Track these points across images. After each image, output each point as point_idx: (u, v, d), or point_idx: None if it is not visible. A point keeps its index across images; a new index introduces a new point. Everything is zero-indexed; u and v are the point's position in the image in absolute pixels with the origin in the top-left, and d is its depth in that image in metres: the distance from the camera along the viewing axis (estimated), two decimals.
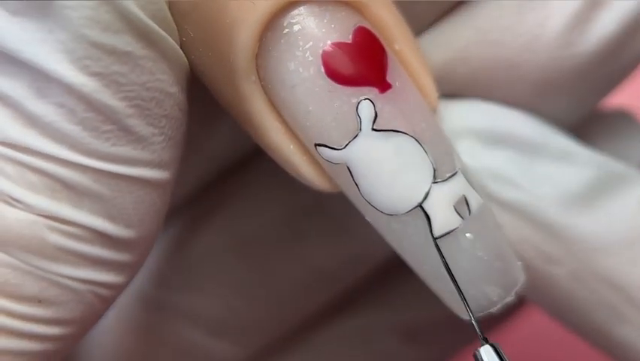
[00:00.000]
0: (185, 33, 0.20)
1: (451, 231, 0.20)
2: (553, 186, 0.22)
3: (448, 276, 0.21)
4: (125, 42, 0.19)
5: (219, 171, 0.26)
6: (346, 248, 0.26)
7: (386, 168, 0.20)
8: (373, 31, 0.21)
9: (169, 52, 0.20)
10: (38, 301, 0.19)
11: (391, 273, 0.28)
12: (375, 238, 0.22)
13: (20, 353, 0.19)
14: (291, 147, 0.21)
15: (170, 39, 0.20)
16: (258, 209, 0.26)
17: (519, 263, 0.21)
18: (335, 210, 0.25)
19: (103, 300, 0.20)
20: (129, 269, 0.21)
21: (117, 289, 0.21)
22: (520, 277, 0.21)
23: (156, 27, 0.19)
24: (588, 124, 0.25)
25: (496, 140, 0.23)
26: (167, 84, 0.20)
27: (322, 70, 0.20)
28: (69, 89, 0.19)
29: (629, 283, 0.22)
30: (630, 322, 0.23)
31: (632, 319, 0.23)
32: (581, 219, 0.22)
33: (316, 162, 0.21)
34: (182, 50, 0.21)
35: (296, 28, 0.20)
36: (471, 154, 0.23)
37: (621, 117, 0.27)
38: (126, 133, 0.19)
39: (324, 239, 0.25)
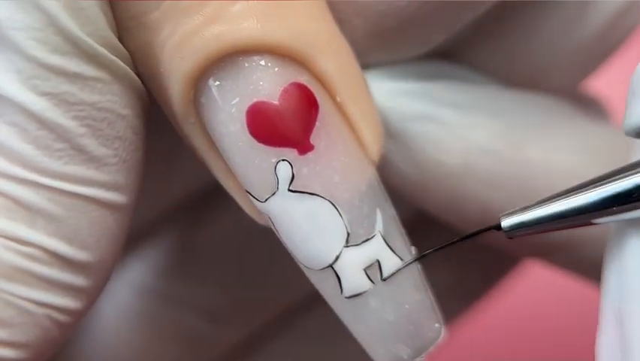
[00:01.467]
0: (136, 67, 0.21)
1: (360, 293, 0.21)
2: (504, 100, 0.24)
3: (356, 332, 0.21)
4: (74, 63, 0.19)
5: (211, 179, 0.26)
6: None
7: (299, 229, 0.21)
8: (310, 86, 0.21)
9: (120, 75, 0.20)
10: None
11: None
12: None
13: None
14: (230, 183, 0.22)
15: (120, 63, 0.20)
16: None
17: (437, 325, 0.22)
18: None
19: (60, 326, 0.21)
20: (86, 295, 0.21)
21: (74, 315, 0.21)
22: (436, 339, 0.21)
23: (104, 51, 0.20)
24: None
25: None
26: (119, 106, 0.20)
27: (245, 127, 0.20)
28: (20, 108, 0.19)
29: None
30: None
31: None
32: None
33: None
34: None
35: (225, 83, 0.20)
36: (420, 84, 0.23)
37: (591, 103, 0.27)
38: (79, 152, 0.20)
39: None
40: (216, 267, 0.27)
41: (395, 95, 0.23)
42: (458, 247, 0.22)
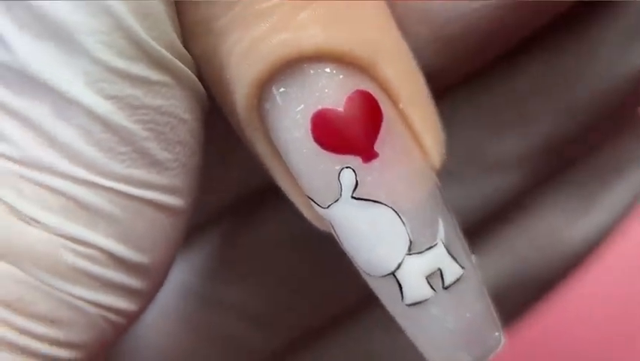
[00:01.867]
0: (201, 72, 0.22)
1: (422, 301, 0.21)
2: None
3: (416, 339, 0.21)
4: (139, 67, 0.20)
5: (260, 180, 0.26)
6: None
7: (361, 236, 0.21)
8: (374, 93, 0.21)
9: (184, 80, 0.21)
10: (50, 321, 0.20)
11: None
12: None
13: None
14: (293, 190, 0.22)
15: (184, 68, 0.21)
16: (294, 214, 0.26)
17: (497, 334, 0.22)
18: None
19: (114, 327, 0.21)
20: (141, 297, 0.21)
21: (129, 317, 0.21)
22: (496, 347, 0.22)
23: (169, 55, 0.20)
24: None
25: None
26: (181, 110, 0.21)
27: (310, 134, 0.20)
28: (86, 111, 0.20)
29: None
30: None
31: None
32: None
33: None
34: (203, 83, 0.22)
35: (290, 89, 0.20)
36: None
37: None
38: (141, 156, 0.20)
39: None
40: (261, 271, 0.27)
41: None
42: None
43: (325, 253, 0.26)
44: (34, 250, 0.20)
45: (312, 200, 0.21)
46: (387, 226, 0.21)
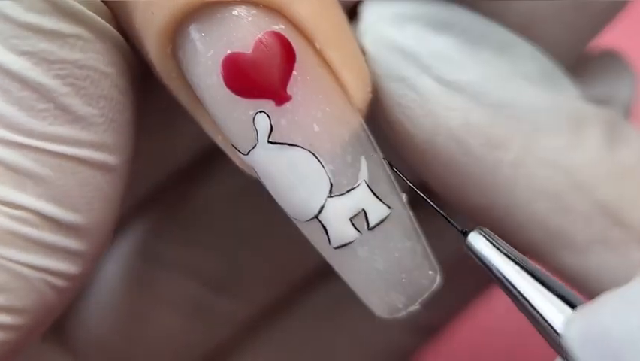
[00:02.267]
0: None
1: (348, 243, 0.21)
2: (499, 68, 0.22)
3: (350, 281, 0.21)
4: (50, 21, 0.19)
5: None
6: None
7: (282, 181, 0.20)
8: (286, 34, 0.20)
9: (100, 32, 0.20)
10: None
11: None
12: None
13: None
14: (219, 137, 0.22)
15: (99, 19, 0.20)
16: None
17: (431, 272, 0.21)
18: None
19: (57, 290, 0.21)
20: (82, 258, 0.21)
21: (72, 279, 0.21)
22: (430, 286, 0.21)
23: (82, 8, 0.20)
24: (578, 64, 0.24)
25: (441, 25, 0.22)
26: (102, 64, 0.20)
27: (222, 79, 0.20)
28: (1, 69, 0.19)
29: (571, 166, 0.21)
30: (574, 210, 0.22)
31: (576, 206, 0.22)
32: (528, 97, 0.22)
33: None
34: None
35: (199, 35, 0.20)
36: (417, 37, 0.22)
37: (609, 57, 0.25)
38: (63, 112, 0.20)
39: None
40: (218, 233, 0.27)
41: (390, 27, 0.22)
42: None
43: (281, 212, 0.25)
44: None
45: (235, 147, 0.21)
46: (305, 169, 0.20)
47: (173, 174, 0.27)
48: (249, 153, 0.20)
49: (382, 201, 0.21)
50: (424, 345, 0.29)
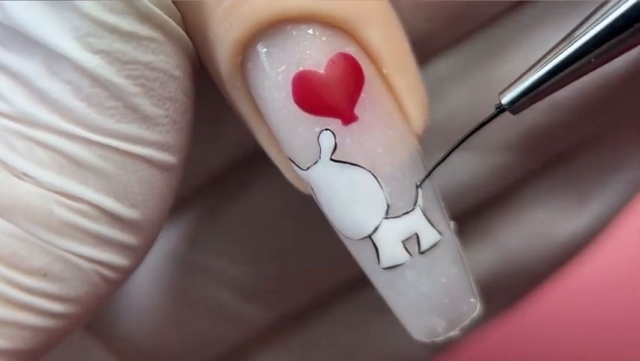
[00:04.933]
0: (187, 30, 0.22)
1: (397, 265, 0.21)
2: None
3: (392, 303, 0.22)
4: (128, 22, 0.20)
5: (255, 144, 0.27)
6: None
7: (339, 198, 0.21)
8: (356, 57, 0.21)
9: (173, 36, 0.21)
10: (44, 275, 0.20)
11: None
12: None
13: (22, 326, 0.20)
14: (274, 150, 0.22)
15: (173, 24, 0.21)
16: (287, 186, 0.25)
17: (472, 300, 0.22)
18: None
19: (108, 282, 0.21)
20: (134, 253, 0.21)
21: (122, 272, 0.21)
22: (471, 313, 0.22)
23: (158, 11, 0.20)
24: None
25: None
26: (171, 66, 0.21)
27: (291, 95, 0.21)
28: (75, 65, 0.20)
29: None
30: None
31: None
32: None
33: None
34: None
35: (272, 50, 0.20)
36: None
37: None
38: (131, 111, 0.20)
39: None
40: (250, 243, 0.27)
41: None
42: None
43: (315, 228, 0.26)
44: (27, 204, 0.20)
45: (293, 162, 0.21)
46: (364, 189, 0.21)
47: (209, 183, 0.27)
48: (308, 168, 0.21)
49: (434, 227, 0.21)
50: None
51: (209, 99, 0.23)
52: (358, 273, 0.25)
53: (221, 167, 0.27)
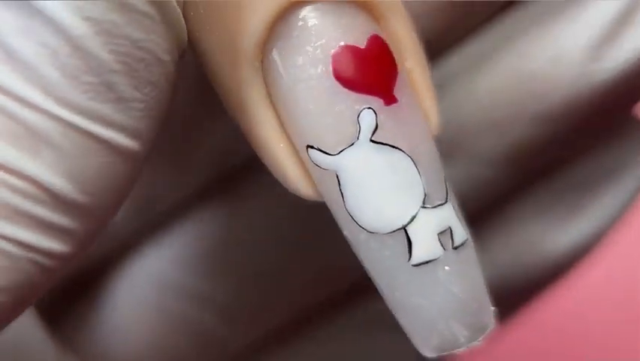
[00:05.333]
0: (195, 7, 0.20)
1: (431, 261, 0.20)
2: None
3: (416, 306, 0.20)
4: None
5: (234, 164, 0.25)
6: None
7: (377, 183, 0.19)
8: (388, 43, 0.20)
9: (170, 17, 0.19)
10: None
11: None
12: None
13: None
14: (281, 145, 0.20)
15: (174, 3, 0.19)
16: (273, 205, 0.25)
17: (492, 309, 0.21)
18: None
19: (43, 270, 0.19)
20: (76, 239, 0.19)
21: (60, 260, 0.19)
22: (490, 324, 0.21)
23: None
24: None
25: None
26: (161, 49, 0.19)
27: (330, 70, 0.19)
28: (56, 29, 0.17)
29: None
30: None
31: None
32: None
33: (303, 166, 0.20)
34: (187, 26, 0.20)
35: (311, 22, 0.19)
36: None
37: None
38: (107, 89, 0.18)
39: (338, 235, 0.25)
40: (233, 266, 0.26)
41: None
42: None
43: (298, 248, 0.25)
44: None
45: (317, 149, 0.20)
46: (404, 174, 0.19)
47: (190, 203, 0.26)
48: (339, 153, 0.19)
49: (462, 224, 0.20)
50: None
51: (189, 113, 0.22)
52: (341, 293, 0.23)
53: (200, 186, 0.25)
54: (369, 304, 0.27)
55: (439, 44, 0.24)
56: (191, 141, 0.24)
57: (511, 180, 0.26)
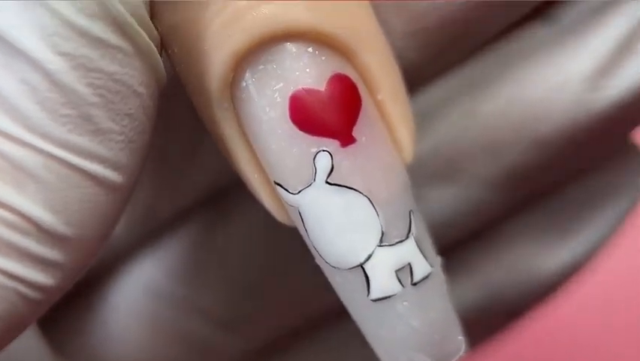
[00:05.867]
0: (171, 46, 0.21)
1: (388, 296, 0.20)
2: None
3: (378, 337, 0.21)
4: (99, 28, 0.19)
5: (228, 179, 0.26)
6: None
7: (332, 224, 0.20)
8: (354, 79, 0.20)
9: (143, 50, 0.19)
10: None
11: None
12: None
13: None
14: (256, 176, 0.21)
15: (146, 38, 0.20)
16: (266, 217, 0.25)
17: (460, 338, 0.21)
18: None
19: (30, 302, 0.20)
20: (61, 271, 0.20)
21: (46, 292, 0.20)
22: (459, 350, 0.21)
23: (132, 21, 0.19)
24: None
25: None
26: (136, 82, 0.19)
27: (287, 114, 0.20)
28: (35, 65, 0.18)
29: None
30: None
31: None
32: None
33: (276, 195, 0.21)
34: (170, 60, 0.21)
35: (270, 66, 0.20)
36: None
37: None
38: (86, 122, 0.19)
39: None
40: (228, 276, 0.26)
41: None
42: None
43: (294, 259, 0.26)
44: None
45: (281, 186, 0.20)
46: (360, 214, 0.20)
47: (185, 214, 0.26)
48: (299, 192, 0.20)
49: (426, 259, 0.21)
50: None
51: (187, 126, 0.22)
52: (335, 304, 0.24)
53: (197, 197, 0.26)
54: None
55: (437, 66, 0.24)
56: (187, 157, 0.25)
57: (507, 202, 0.25)
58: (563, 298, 0.29)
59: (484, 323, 0.27)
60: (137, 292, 0.27)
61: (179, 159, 0.22)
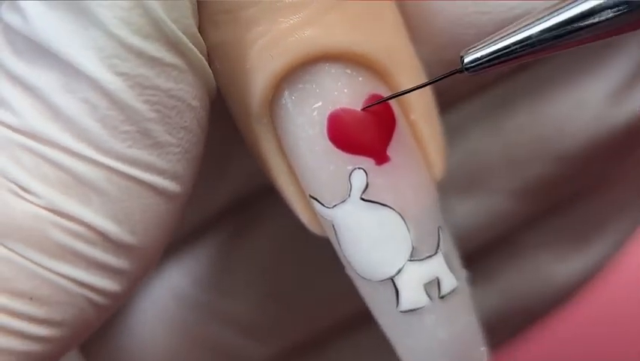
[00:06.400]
0: (213, 62, 0.21)
1: (417, 309, 0.21)
2: None
3: (405, 346, 0.22)
4: (154, 47, 0.19)
5: (259, 184, 0.26)
6: None
7: (365, 238, 0.21)
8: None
9: (196, 65, 0.20)
10: (30, 298, 0.20)
11: None
12: None
13: (5, 351, 0.20)
14: (291, 188, 0.22)
15: (198, 54, 0.20)
16: (292, 226, 0.25)
17: (482, 349, 0.22)
18: None
19: (97, 307, 0.21)
20: (126, 279, 0.21)
21: (112, 298, 0.21)
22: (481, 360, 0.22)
23: (185, 39, 0.20)
24: None
25: None
26: (190, 96, 0.20)
27: (325, 132, 0.21)
28: (95, 86, 0.19)
29: None
30: None
31: None
32: None
33: (310, 207, 0.22)
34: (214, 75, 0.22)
35: (309, 86, 0.21)
36: None
37: None
38: (144, 137, 0.20)
39: None
40: (254, 283, 0.27)
41: None
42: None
43: (318, 267, 0.26)
44: (19, 225, 0.20)
45: (316, 200, 0.21)
46: (392, 230, 0.21)
47: (212, 221, 0.27)
48: (334, 207, 0.21)
49: (453, 273, 0.21)
50: None
51: (217, 136, 0.23)
52: (358, 311, 0.25)
53: (224, 205, 0.27)
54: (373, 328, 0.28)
55: (463, 88, 0.25)
56: (215, 168, 0.26)
57: (526, 213, 0.26)
58: (577, 306, 0.30)
59: (503, 327, 0.28)
60: (164, 299, 0.27)
61: (206, 169, 0.22)
